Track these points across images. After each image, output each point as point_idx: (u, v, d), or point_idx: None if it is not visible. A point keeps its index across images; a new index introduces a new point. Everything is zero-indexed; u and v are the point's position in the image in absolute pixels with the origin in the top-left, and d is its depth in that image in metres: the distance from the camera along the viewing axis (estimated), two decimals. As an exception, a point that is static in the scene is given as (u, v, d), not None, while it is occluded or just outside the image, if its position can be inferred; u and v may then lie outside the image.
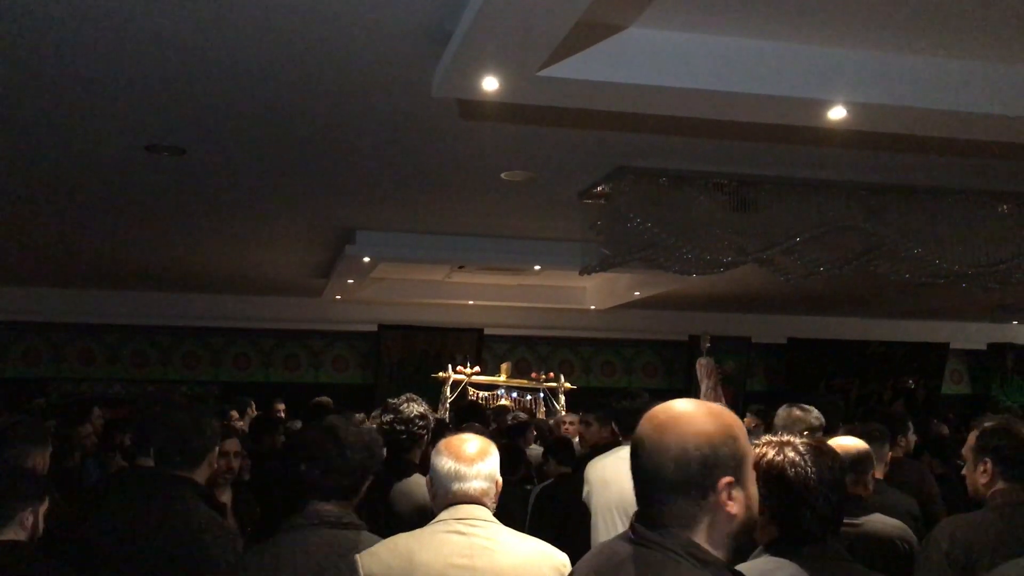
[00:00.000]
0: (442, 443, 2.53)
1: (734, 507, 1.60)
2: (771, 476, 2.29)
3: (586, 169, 5.47)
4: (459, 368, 10.05)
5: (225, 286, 10.62)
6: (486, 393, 9.75)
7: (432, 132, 4.63)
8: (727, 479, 1.59)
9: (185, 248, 7.99)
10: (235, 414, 7.38)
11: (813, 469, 2.30)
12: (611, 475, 4.34)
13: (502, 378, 10.22)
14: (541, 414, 9.25)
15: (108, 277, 9.93)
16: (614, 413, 4.59)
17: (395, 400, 4.07)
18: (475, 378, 10.03)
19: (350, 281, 9.58)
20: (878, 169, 5.36)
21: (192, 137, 4.77)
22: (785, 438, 2.38)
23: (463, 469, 2.49)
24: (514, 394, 10.00)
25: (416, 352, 12.56)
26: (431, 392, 10.17)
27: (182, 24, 3.34)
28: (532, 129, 4.59)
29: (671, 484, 1.58)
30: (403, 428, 3.95)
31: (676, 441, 1.61)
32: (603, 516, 4.30)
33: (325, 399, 6.85)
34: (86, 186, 5.83)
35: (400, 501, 3.52)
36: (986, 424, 3.00)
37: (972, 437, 2.98)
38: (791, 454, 2.33)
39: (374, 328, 12.40)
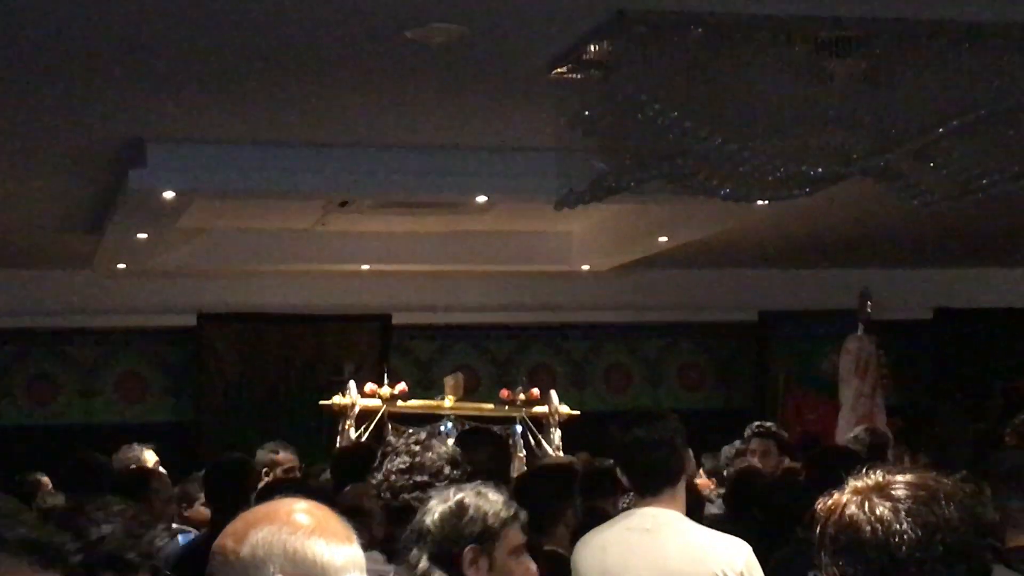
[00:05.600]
0: (302, 524, 2.02)
1: None
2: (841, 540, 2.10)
3: (560, 18, 4.78)
4: (370, 389, 8.14)
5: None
6: (423, 433, 7.72)
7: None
8: None
9: None
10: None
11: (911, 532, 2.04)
12: (614, 562, 3.61)
13: (448, 402, 8.27)
14: (519, 460, 7.82)
15: None
16: (621, 452, 3.75)
17: (404, 439, 3.71)
18: (401, 404, 8.20)
19: (141, 236, 7.98)
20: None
21: None
22: (882, 477, 2.10)
23: (358, 554, 2.01)
24: (472, 431, 9.06)
25: (268, 360, 10.40)
26: (311, 431, 8.61)
27: None
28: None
29: None
30: (424, 482, 3.51)
31: None
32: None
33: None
34: None
35: None
36: None
37: None
38: (880, 507, 2.06)
39: (191, 321, 10.37)
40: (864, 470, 2.18)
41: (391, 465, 3.62)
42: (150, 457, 6.38)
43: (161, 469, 6.15)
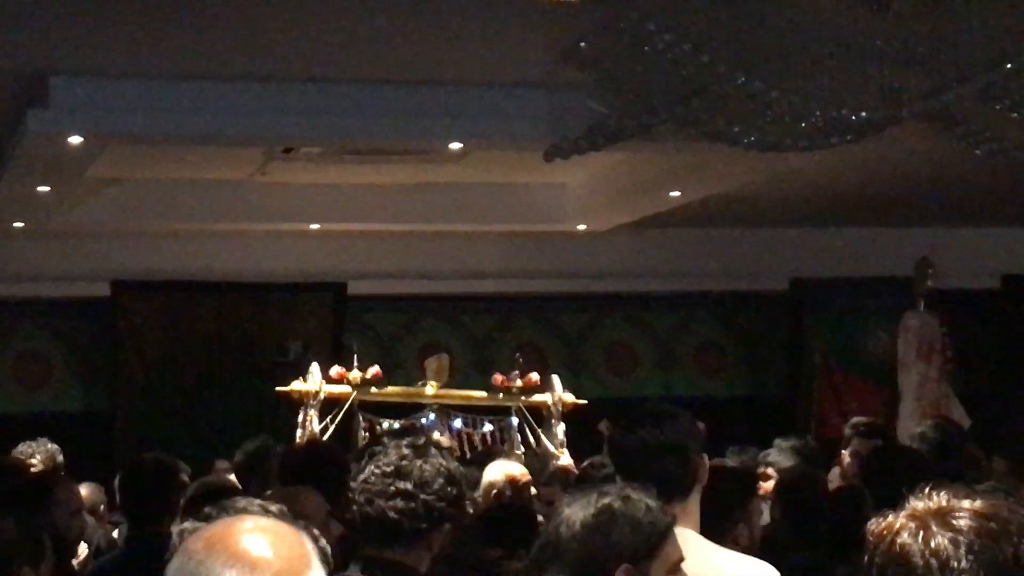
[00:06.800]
0: (217, 546, 1.71)
1: None
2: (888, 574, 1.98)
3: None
4: (337, 373, 7.49)
5: None
6: (397, 424, 7.39)
7: None
8: None
9: None
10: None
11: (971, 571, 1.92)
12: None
13: (431, 389, 7.65)
14: (515, 460, 7.08)
15: None
16: (622, 458, 3.38)
17: (398, 441, 3.41)
18: (376, 391, 7.57)
19: (43, 189, 7.38)
20: None
21: None
22: (945, 500, 1.96)
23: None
24: (457, 423, 7.47)
25: (198, 338, 9.62)
26: (251, 424, 7.77)
27: None
28: None
29: None
30: (407, 491, 3.26)
31: None
32: None
33: None
34: None
35: None
36: None
37: None
38: (938, 538, 1.91)
39: (104, 290, 9.62)
40: (928, 489, 1.97)
41: (374, 466, 3.43)
42: (50, 459, 5.88)
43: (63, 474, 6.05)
